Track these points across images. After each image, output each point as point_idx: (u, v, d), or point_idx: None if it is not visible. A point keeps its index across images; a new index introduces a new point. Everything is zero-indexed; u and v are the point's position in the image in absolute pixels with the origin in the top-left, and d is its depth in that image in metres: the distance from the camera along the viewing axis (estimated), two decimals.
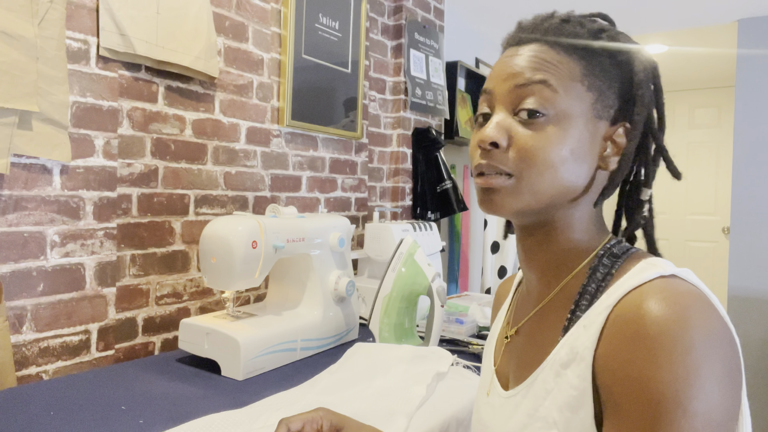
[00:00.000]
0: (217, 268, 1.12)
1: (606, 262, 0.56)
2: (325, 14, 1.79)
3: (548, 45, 0.57)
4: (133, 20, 1.23)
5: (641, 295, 0.48)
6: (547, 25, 0.58)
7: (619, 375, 0.46)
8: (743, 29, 3.09)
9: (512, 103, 0.56)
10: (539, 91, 0.55)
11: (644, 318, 0.46)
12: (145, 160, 1.31)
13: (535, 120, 0.55)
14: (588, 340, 0.50)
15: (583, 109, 0.56)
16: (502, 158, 0.56)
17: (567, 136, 0.55)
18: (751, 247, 3.00)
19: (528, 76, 0.55)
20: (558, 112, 0.55)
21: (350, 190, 1.98)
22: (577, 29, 0.57)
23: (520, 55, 0.57)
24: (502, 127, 0.56)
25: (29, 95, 1.06)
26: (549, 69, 0.55)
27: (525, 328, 0.63)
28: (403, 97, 2.18)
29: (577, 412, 0.50)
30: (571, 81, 0.55)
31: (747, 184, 3.05)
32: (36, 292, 1.12)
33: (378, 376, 1.05)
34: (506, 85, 0.57)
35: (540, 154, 0.54)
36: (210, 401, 0.97)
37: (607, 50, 0.57)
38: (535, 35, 0.58)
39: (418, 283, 1.29)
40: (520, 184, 0.55)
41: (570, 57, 0.56)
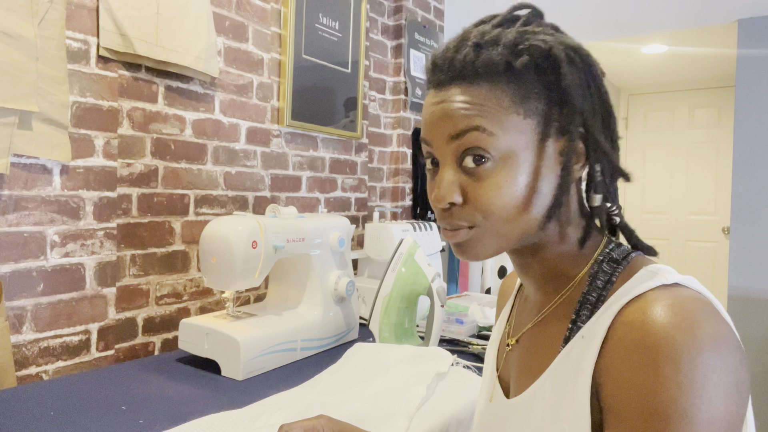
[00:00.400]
0: (217, 268, 1.12)
1: (606, 269, 0.54)
2: (325, 14, 1.79)
3: (468, 82, 0.53)
4: (133, 20, 1.23)
5: (644, 304, 0.47)
6: (461, 57, 0.53)
7: (623, 385, 0.46)
8: (743, 29, 3.09)
9: (453, 154, 0.54)
10: (477, 138, 0.52)
11: (647, 327, 0.45)
12: (145, 160, 1.31)
13: (480, 167, 0.52)
14: (588, 351, 0.50)
15: (527, 138, 0.52)
16: (461, 214, 0.54)
17: (517, 174, 0.52)
18: (751, 247, 3.00)
19: (460, 126, 0.52)
20: (501, 155, 0.52)
21: (350, 190, 1.98)
22: (493, 53, 0.52)
23: (445, 102, 0.53)
24: (453, 183, 0.54)
25: (29, 95, 1.06)
26: (478, 111, 0.52)
27: (526, 336, 0.62)
28: (403, 97, 2.18)
29: (575, 424, 0.50)
30: (505, 115, 0.52)
31: (747, 184, 3.05)
32: (36, 292, 1.12)
33: (378, 376, 1.05)
34: (441, 138, 0.54)
35: (496, 202, 0.52)
36: (210, 401, 0.97)
37: (531, 63, 0.52)
38: (452, 74, 0.53)
39: (418, 283, 1.29)
40: (484, 233, 0.54)
41: (495, 88, 0.52)
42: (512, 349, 0.64)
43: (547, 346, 0.57)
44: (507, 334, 0.67)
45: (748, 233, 3.03)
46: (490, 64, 0.52)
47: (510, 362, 0.64)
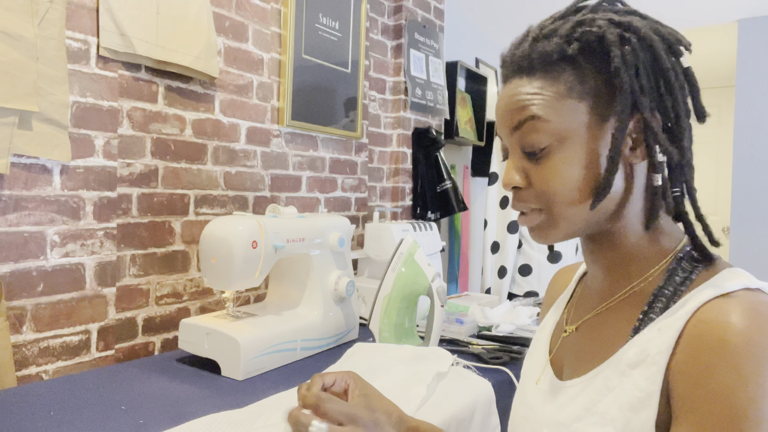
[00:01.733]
0: (217, 268, 1.12)
1: (685, 266, 0.55)
2: (325, 14, 1.79)
3: (526, 74, 0.56)
4: (133, 20, 1.23)
5: (726, 304, 0.47)
6: (520, 53, 0.57)
7: (700, 383, 0.46)
8: (743, 29, 3.09)
9: (517, 144, 0.58)
10: (532, 128, 0.55)
11: (730, 328, 0.46)
12: (145, 160, 1.31)
13: (541, 153, 0.55)
14: (663, 344, 0.50)
15: (582, 120, 0.54)
16: (527, 196, 0.58)
17: (574, 157, 0.54)
18: (751, 247, 3.00)
19: (518, 118, 0.56)
20: (558, 138, 0.54)
21: (350, 190, 1.98)
22: (547, 45, 0.55)
23: (507, 95, 0.58)
24: (517, 168, 0.58)
25: (29, 95, 1.06)
26: (532, 101, 0.55)
27: (588, 324, 0.62)
28: (403, 97, 2.18)
29: (639, 413, 0.50)
30: (559, 101, 0.54)
31: (747, 184, 3.05)
32: (36, 292, 1.12)
33: (378, 376, 1.05)
34: (505, 130, 0.58)
35: (556, 185, 0.55)
36: (210, 401, 0.97)
37: (584, 49, 0.54)
38: (513, 68, 0.58)
39: (418, 283, 1.29)
40: (552, 217, 0.56)
41: (550, 77, 0.55)
42: (569, 336, 0.64)
43: (612, 334, 0.57)
44: (565, 321, 0.67)
45: (748, 233, 3.03)
46: (544, 54, 0.55)
47: (566, 348, 0.64)
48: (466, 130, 2.91)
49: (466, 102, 3.02)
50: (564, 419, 0.57)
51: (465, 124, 2.91)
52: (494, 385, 1.08)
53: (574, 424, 0.55)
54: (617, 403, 0.52)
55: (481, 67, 3.19)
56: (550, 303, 0.75)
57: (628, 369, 0.52)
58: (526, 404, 0.65)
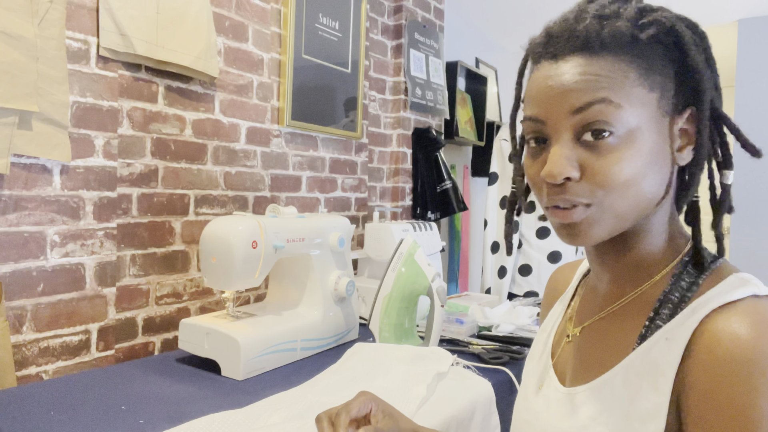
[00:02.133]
0: (217, 268, 1.12)
1: (692, 271, 0.53)
2: (325, 14, 1.80)
3: (593, 54, 0.50)
4: (133, 20, 1.23)
5: (735, 314, 0.46)
6: (582, 28, 0.51)
7: (711, 397, 0.45)
8: (743, 29, 3.09)
9: (572, 128, 0.51)
10: (601, 111, 0.49)
11: (740, 340, 0.44)
12: (145, 160, 1.31)
13: (602, 141, 0.50)
14: (671, 354, 0.48)
15: (650, 112, 0.50)
16: (577, 190, 0.51)
17: (640, 149, 0.50)
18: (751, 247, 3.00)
19: (584, 98, 0.49)
20: (627, 128, 0.49)
21: (350, 190, 1.98)
22: (617, 24, 0.50)
23: (566, 73, 0.51)
24: (569, 158, 0.51)
25: (29, 95, 1.06)
26: (604, 83, 0.49)
27: (592, 328, 0.60)
28: (403, 97, 2.18)
29: (647, 424, 0.49)
30: (631, 87, 0.49)
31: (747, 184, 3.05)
32: (36, 292, 1.12)
33: (378, 376, 1.05)
34: (560, 111, 0.51)
35: (617, 178, 0.49)
36: (210, 401, 0.97)
37: (656, 37, 0.50)
38: (574, 44, 0.51)
39: (418, 283, 1.29)
40: (602, 212, 0.51)
41: (620, 60, 0.50)
42: (573, 340, 0.62)
43: (618, 340, 0.55)
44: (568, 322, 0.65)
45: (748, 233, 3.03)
46: (616, 34, 0.50)
47: (569, 352, 0.62)
48: (466, 130, 2.91)
49: (466, 102, 3.02)
50: (569, 428, 0.56)
51: (465, 124, 2.91)
52: (494, 385, 1.08)
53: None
54: (624, 414, 0.51)
55: (481, 67, 3.19)
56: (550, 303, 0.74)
57: (635, 378, 0.51)
58: (529, 410, 0.64)
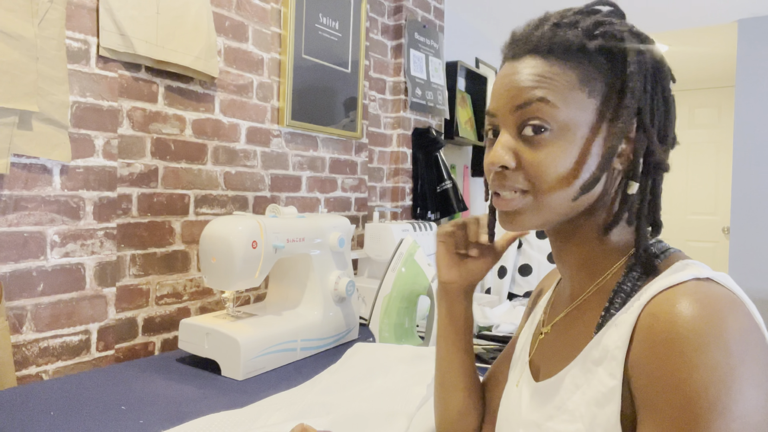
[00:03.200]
0: (217, 268, 1.12)
1: (643, 261, 0.56)
2: (325, 14, 1.79)
3: (541, 57, 0.56)
4: (133, 20, 1.23)
5: (674, 295, 0.48)
6: (539, 33, 0.56)
7: (654, 376, 0.46)
8: (743, 29, 3.09)
9: (515, 123, 0.57)
10: (539, 109, 0.54)
11: (677, 319, 0.46)
12: (145, 160, 1.31)
13: (539, 136, 0.55)
14: (620, 339, 0.51)
15: (587, 117, 0.55)
16: (515, 178, 0.57)
17: (573, 148, 0.55)
18: (751, 247, 3.00)
19: (526, 96, 0.55)
20: (560, 126, 0.54)
21: (350, 190, 1.98)
22: (569, 33, 0.55)
23: (516, 73, 0.57)
24: (509, 148, 0.57)
25: (29, 95, 1.06)
26: (545, 84, 0.55)
27: (559, 324, 0.64)
28: (403, 97, 2.18)
29: (604, 407, 0.51)
30: (570, 91, 0.54)
31: (747, 184, 3.05)
32: (36, 292, 1.12)
33: (378, 376, 1.05)
34: (507, 107, 0.57)
35: (549, 170, 0.55)
36: (210, 401, 0.97)
37: (603, 48, 0.55)
38: (528, 47, 0.57)
39: (418, 283, 1.29)
40: (538, 201, 0.56)
41: (565, 65, 0.55)
42: (545, 337, 0.65)
43: (579, 332, 0.58)
44: (542, 323, 0.69)
45: (748, 233, 3.03)
46: (564, 41, 0.55)
47: (542, 349, 0.65)
48: (466, 130, 2.91)
49: (466, 102, 3.02)
50: (537, 418, 0.58)
51: (465, 124, 2.91)
52: None
53: (547, 422, 0.56)
54: (584, 400, 0.53)
55: (481, 67, 3.19)
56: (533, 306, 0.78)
57: (592, 366, 0.53)
58: (508, 406, 0.67)
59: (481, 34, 3.39)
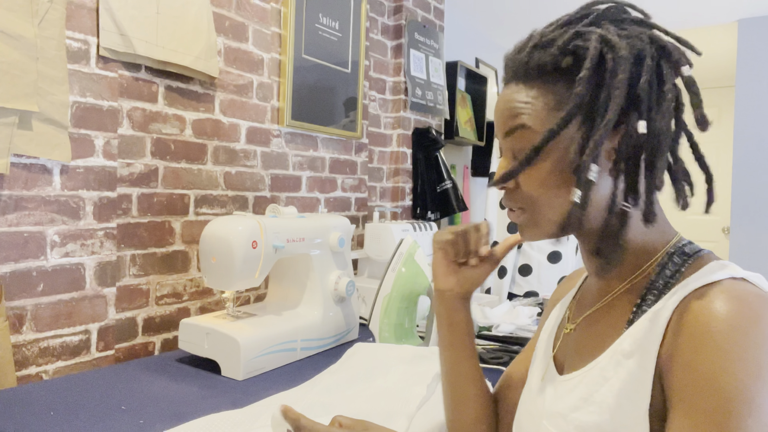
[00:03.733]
0: (217, 268, 1.12)
1: (676, 260, 0.57)
2: (325, 14, 1.79)
3: (522, 82, 0.58)
4: (133, 20, 1.23)
5: (711, 293, 0.49)
6: (519, 58, 0.58)
7: (689, 368, 0.47)
8: (743, 29, 3.09)
9: (508, 147, 0.60)
10: (521, 136, 0.58)
11: (714, 314, 0.47)
12: (145, 160, 1.31)
13: None
14: (653, 333, 0.51)
15: (569, 133, 0.55)
16: (515, 197, 0.61)
17: (559, 165, 0.56)
18: (751, 247, 3.00)
19: (509, 124, 0.59)
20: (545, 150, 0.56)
21: (350, 190, 1.98)
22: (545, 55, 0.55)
23: (502, 100, 0.60)
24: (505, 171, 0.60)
25: (29, 95, 1.06)
26: (523, 110, 0.57)
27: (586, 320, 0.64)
28: (403, 97, 2.18)
29: (633, 400, 0.51)
30: (549, 112, 0.56)
31: (747, 184, 3.05)
32: (36, 292, 1.12)
33: (378, 376, 1.05)
34: (499, 134, 0.61)
35: (539, 189, 0.57)
36: (210, 401, 0.97)
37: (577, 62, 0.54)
38: (511, 73, 0.59)
39: (418, 283, 1.29)
40: (535, 217, 0.60)
41: (543, 87, 0.56)
42: (570, 333, 0.66)
43: (609, 328, 0.59)
44: (566, 319, 0.69)
45: (748, 233, 3.03)
46: (540, 65, 0.56)
47: (567, 345, 0.66)
48: (466, 130, 2.91)
49: (466, 102, 3.02)
50: (562, 410, 0.58)
51: (465, 124, 2.91)
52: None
53: (572, 414, 0.57)
54: (613, 392, 0.53)
55: (481, 67, 3.19)
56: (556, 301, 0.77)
57: (623, 359, 0.54)
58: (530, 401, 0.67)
59: (481, 34, 3.39)
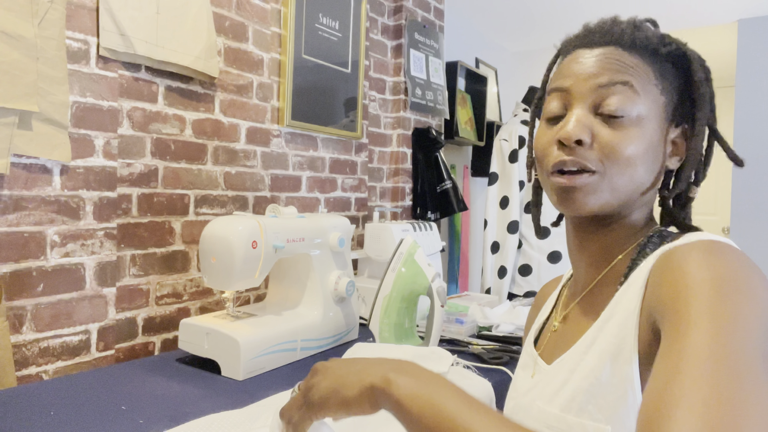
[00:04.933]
0: (217, 268, 1.12)
1: (655, 241, 0.59)
2: (325, 14, 1.79)
3: (624, 48, 0.59)
4: (133, 20, 1.23)
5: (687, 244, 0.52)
6: (619, 29, 0.59)
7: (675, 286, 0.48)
8: (743, 29, 3.09)
9: (593, 102, 0.58)
10: (622, 92, 0.57)
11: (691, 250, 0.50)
12: (145, 160, 1.31)
13: (617, 119, 0.57)
14: (634, 292, 0.54)
15: (657, 111, 0.58)
16: (586, 155, 0.57)
17: (644, 136, 0.57)
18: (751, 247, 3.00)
19: (611, 77, 0.57)
20: (638, 113, 0.57)
21: (350, 190, 1.98)
22: (647, 35, 0.59)
23: (599, 57, 0.59)
24: (585, 124, 0.57)
25: (29, 95, 1.06)
26: (629, 71, 0.57)
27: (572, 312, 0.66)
28: (403, 97, 2.18)
29: (617, 358, 0.52)
30: (648, 84, 0.58)
31: (747, 184, 3.05)
32: (36, 292, 1.12)
33: None
34: (587, 85, 0.58)
35: (623, 151, 0.56)
36: (210, 401, 0.97)
37: (671, 55, 0.59)
38: (609, 38, 0.59)
39: (418, 283, 1.29)
40: (602, 181, 0.57)
41: (644, 61, 0.58)
42: (557, 329, 0.67)
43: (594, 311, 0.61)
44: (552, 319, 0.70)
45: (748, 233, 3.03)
46: (645, 40, 0.59)
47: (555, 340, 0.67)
48: (466, 130, 2.91)
49: (466, 102, 3.02)
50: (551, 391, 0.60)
51: (465, 124, 2.91)
52: (494, 385, 1.08)
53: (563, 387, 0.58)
54: (597, 354, 0.55)
55: (481, 67, 3.19)
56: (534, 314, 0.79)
57: (603, 324, 0.56)
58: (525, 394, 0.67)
59: (481, 34, 3.39)
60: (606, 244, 0.62)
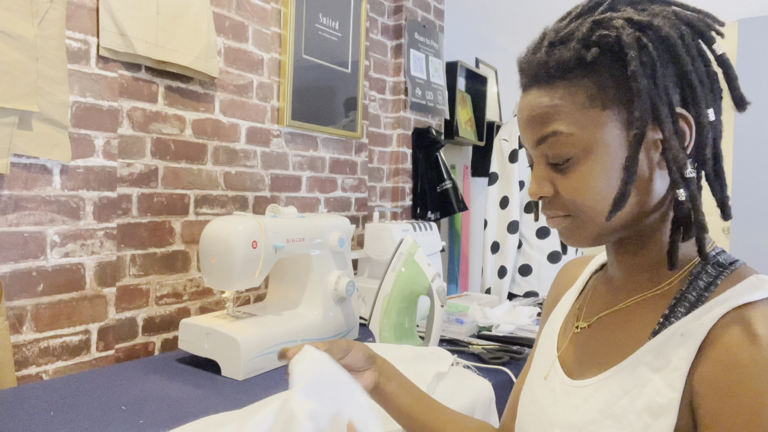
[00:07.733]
0: (217, 268, 1.12)
1: (710, 271, 0.54)
2: (325, 14, 1.79)
3: (545, 85, 0.54)
4: (133, 20, 1.23)
5: (754, 316, 0.46)
6: (536, 60, 0.54)
7: (728, 398, 0.45)
8: (743, 29, 3.09)
9: (541, 155, 0.57)
10: (554, 142, 0.54)
11: (757, 342, 0.45)
12: (145, 160, 1.31)
13: (566, 165, 0.54)
14: (686, 350, 0.49)
15: (607, 130, 0.52)
16: (555, 203, 0.57)
17: (603, 163, 0.53)
18: (751, 247, 3.00)
19: (540, 133, 0.55)
20: (582, 150, 0.53)
21: (350, 190, 1.98)
22: (565, 51, 0.52)
23: (527, 107, 0.56)
24: (543, 178, 0.57)
25: (29, 95, 1.06)
26: (554, 114, 0.53)
27: (602, 321, 0.61)
28: (403, 97, 2.18)
29: (658, 419, 0.49)
30: (581, 111, 0.52)
31: (747, 184, 3.05)
32: (36, 292, 1.12)
33: None
34: (529, 142, 0.57)
35: (584, 196, 0.54)
36: (210, 401, 0.97)
37: (602, 53, 0.51)
38: (530, 78, 0.55)
39: (418, 283, 1.29)
40: (581, 221, 0.56)
41: (570, 86, 0.52)
42: (581, 332, 0.63)
43: (629, 335, 0.56)
44: (576, 317, 0.65)
45: (748, 233, 3.03)
46: (561, 62, 0.52)
47: (577, 344, 0.62)
48: (466, 130, 2.91)
49: (466, 102, 3.02)
50: (577, 421, 0.56)
51: (465, 124, 2.91)
52: (494, 385, 1.08)
53: (588, 426, 0.54)
54: (635, 408, 0.51)
55: (481, 67, 3.19)
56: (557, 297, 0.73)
57: (648, 372, 0.51)
58: (535, 402, 0.64)
59: (481, 34, 3.39)
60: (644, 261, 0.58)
